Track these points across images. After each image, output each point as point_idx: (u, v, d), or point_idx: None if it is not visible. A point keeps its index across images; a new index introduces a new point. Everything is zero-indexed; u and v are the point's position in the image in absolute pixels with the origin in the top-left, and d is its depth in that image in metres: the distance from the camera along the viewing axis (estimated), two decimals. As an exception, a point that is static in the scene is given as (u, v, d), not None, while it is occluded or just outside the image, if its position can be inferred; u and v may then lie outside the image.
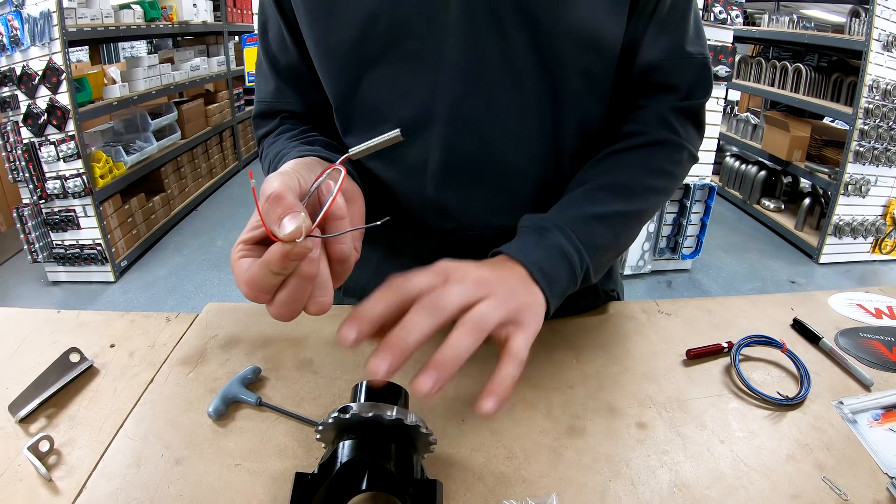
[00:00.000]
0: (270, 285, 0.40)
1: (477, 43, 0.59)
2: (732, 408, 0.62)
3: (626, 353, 0.70)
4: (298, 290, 0.40)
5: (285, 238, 0.36)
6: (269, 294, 0.40)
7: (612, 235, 0.60)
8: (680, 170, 0.68)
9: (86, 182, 2.92)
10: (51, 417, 0.60)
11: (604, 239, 0.59)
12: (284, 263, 0.38)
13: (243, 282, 0.40)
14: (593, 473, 0.53)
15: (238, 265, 0.42)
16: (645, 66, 0.65)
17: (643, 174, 0.64)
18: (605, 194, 0.61)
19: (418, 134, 0.64)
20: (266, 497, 0.51)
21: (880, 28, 3.01)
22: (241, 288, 0.41)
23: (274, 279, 0.39)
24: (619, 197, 0.61)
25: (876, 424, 0.59)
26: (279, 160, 0.61)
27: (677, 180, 0.68)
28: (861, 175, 3.27)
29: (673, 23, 0.64)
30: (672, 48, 0.65)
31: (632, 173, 0.64)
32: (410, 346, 0.42)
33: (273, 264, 0.38)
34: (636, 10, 0.62)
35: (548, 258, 0.53)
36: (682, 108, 0.67)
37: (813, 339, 0.72)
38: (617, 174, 0.63)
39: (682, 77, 0.66)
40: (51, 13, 2.69)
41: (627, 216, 0.62)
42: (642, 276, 3.28)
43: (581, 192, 0.62)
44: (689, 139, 0.68)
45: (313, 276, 0.40)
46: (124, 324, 0.77)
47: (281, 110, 0.74)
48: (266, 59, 0.72)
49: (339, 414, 0.45)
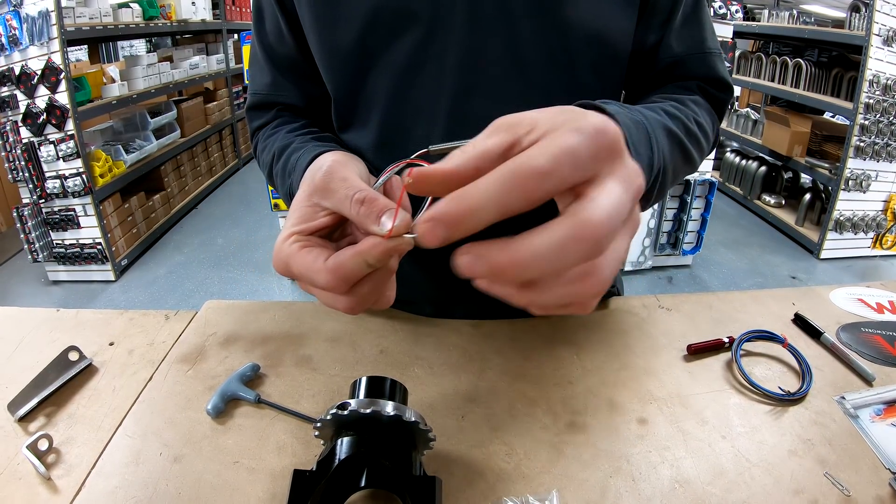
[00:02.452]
0: (356, 277, 0.38)
1: (482, 34, 0.58)
2: (734, 403, 0.61)
3: (627, 348, 0.70)
4: (381, 283, 0.40)
5: (387, 234, 0.36)
6: (350, 285, 0.39)
7: (674, 160, 0.54)
8: (711, 135, 0.65)
9: (85, 181, 2.91)
10: (50, 416, 0.60)
11: (668, 157, 0.52)
12: (386, 258, 0.37)
13: (327, 269, 0.38)
14: (594, 469, 0.53)
15: (302, 255, 0.40)
16: (668, 60, 0.66)
17: (693, 121, 0.60)
18: (671, 120, 0.55)
19: (421, 128, 0.63)
20: (265, 494, 0.50)
21: (880, 23, 3.00)
22: (319, 276, 0.39)
23: (365, 271, 0.38)
24: (683, 132, 0.57)
25: (878, 419, 0.59)
26: (289, 156, 0.60)
27: (709, 146, 0.65)
28: (862, 170, 3.27)
29: (692, 19, 0.65)
30: (694, 43, 0.65)
31: (688, 113, 0.60)
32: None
33: (372, 257, 0.37)
34: (649, 7, 0.62)
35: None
36: (707, 91, 0.67)
37: (814, 334, 0.72)
38: (679, 110, 0.58)
39: (704, 69, 0.67)
40: (49, 12, 2.69)
41: (687, 156, 0.57)
42: (643, 271, 3.27)
43: (644, 107, 0.54)
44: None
45: (395, 270, 0.41)
46: (123, 322, 0.77)
47: (276, 102, 0.72)
48: (262, 50, 0.71)
49: (338, 410, 0.45)
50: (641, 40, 0.64)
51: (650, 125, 0.48)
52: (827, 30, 3.61)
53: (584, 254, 0.30)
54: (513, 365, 0.67)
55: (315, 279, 0.39)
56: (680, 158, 0.56)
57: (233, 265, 3.36)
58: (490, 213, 0.29)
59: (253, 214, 4.12)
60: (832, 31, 3.54)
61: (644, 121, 0.48)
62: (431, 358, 0.68)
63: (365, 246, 0.37)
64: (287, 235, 0.42)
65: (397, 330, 0.74)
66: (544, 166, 0.29)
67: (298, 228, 0.43)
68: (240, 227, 3.93)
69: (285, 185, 0.61)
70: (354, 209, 0.39)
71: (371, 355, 0.69)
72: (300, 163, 0.56)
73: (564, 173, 0.30)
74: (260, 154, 0.70)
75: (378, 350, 0.70)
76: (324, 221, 0.43)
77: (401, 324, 0.75)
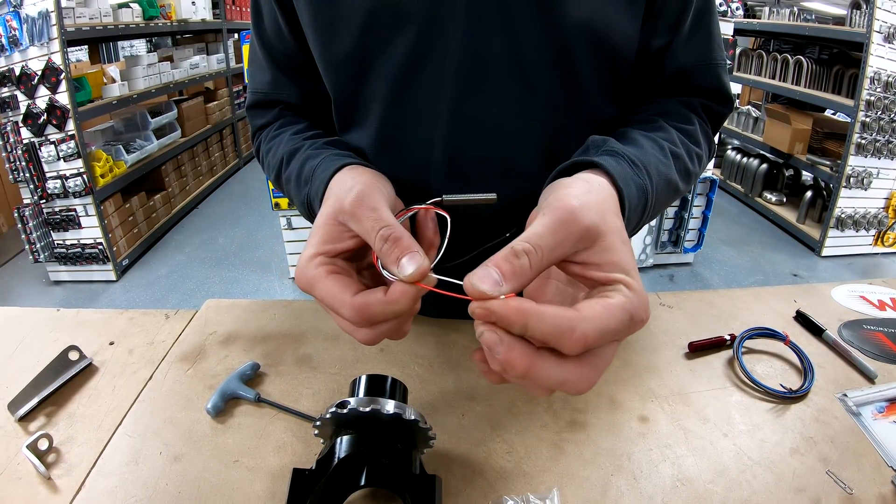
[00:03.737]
0: (381, 319, 0.40)
1: (483, 36, 0.58)
2: (735, 401, 0.61)
3: (628, 345, 0.70)
4: (402, 322, 0.42)
5: (407, 279, 0.38)
6: (372, 324, 0.41)
7: (662, 207, 0.58)
8: (706, 162, 0.67)
9: (86, 181, 2.92)
10: (50, 416, 0.60)
11: (661, 207, 0.56)
12: (414, 304, 0.39)
13: (353, 306, 0.39)
14: (595, 468, 0.53)
15: (329, 283, 0.41)
16: (675, 69, 0.65)
17: (694, 156, 0.62)
18: (674, 162, 0.58)
19: (422, 129, 0.63)
20: (264, 493, 0.50)
21: (881, 20, 2.99)
22: (344, 309, 0.40)
23: (391, 317, 0.40)
24: (681, 174, 0.59)
25: (880, 417, 0.59)
26: (303, 163, 0.59)
27: (701, 169, 0.66)
28: (863, 167, 3.26)
29: (701, 29, 0.65)
30: (702, 54, 0.65)
31: (688, 151, 0.61)
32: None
33: (401, 305, 0.39)
34: (654, 12, 0.62)
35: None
36: (708, 107, 0.67)
37: (816, 332, 0.72)
38: (679, 148, 0.60)
39: (709, 81, 0.66)
40: (49, 13, 2.69)
41: (675, 188, 0.59)
42: (644, 269, 3.27)
43: (656, 147, 0.57)
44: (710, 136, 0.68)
45: (417, 310, 0.41)
46: (123, 321, 0.76)
47: (277, 101, 0.72)
48: (261, 47, 0.70)
49: (337, 409, 0.45)
50: (647, 43, 0.63)
51: (651, 187, 0.51)
52: (828, 27, 3.60)
53: (584, 383, 0.36)
54: (513, 363, 0.67)
55: (340, 311, 0.40)
56: (669, 199, 0.59)
57: (234, 264, 3.36)
58: (532, 340, 0.35)
59: (254, 214, 4.12)
60: (833, 28, 3.53)
61: (648, 188, 0.51)
62: (431, 356, 0.68)
63: (394, 295, 0.39)
64: (313, 255, 0.43)
65: (397, 328, 0.74)
66: (591, 340, 0.34)
67: (324, 249, 0.43)
68: (241, 226, 3.93)
69: (301, 193, 0.60)
70: (379, 244, 0.40)
71: (371, 354, 0.69)
72: (319, 173, 0.55)
73: (599, 344, 0.35)
74: (264, 156, 0.70)
75: (378, 348, 0.70)
76: (350, 245, 0.44)
77: (401, 322, 0.75)
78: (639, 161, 0.51)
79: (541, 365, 0.34)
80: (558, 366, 0.35)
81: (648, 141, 0.57)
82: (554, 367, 0.35)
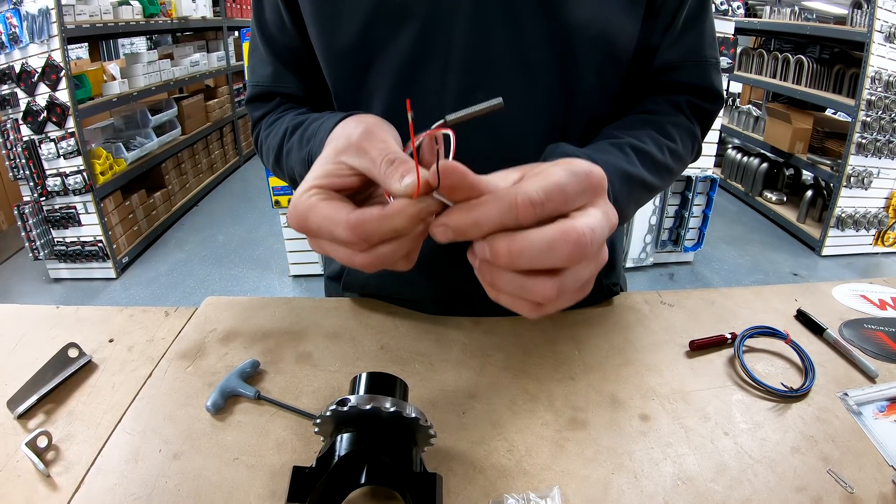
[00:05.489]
0: (379, 239, 0.37)
1: (487, 33, 0.58)
2: (736, 399, 0.61)
3: (629, 344, 0.70)
4: (404, 245, 0.38)
5: (404, 189, 0.36)
6: (370, 245, 0.38)
7: (631, 200, 0.58)
8: (688, 157, 0.68)
9: (86, 179, 2.91)
10: (49, 413, 0.60)
11: (625, 202, 0.56)
12: (413, 225, 0.36)
13: (348, 223, 0.37)
14: (596, 466, 0.53)
15: (322, 206, 0.39)
16: (662, 64, 0.66)
17: (665, 149, 0.63)
18: (636, 156, 0.58)
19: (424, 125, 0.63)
20: (264, 491, 0.50)
21: (882, 19, 2.99)
22: (339, 228, 0.37)
23: (390, 235, 0.37)
24: (648, 166, 0.59)
25: (881, 416, 0.58)
26: (308, 125, 0.58)
27: (684, 166, 0.68)
28: (863, 167, 3.26)
29: (693, 26, 0.65)
30: (690, 50, 0.65)
31: (658, 145, 0.62)
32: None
33: (400, 221, 0.36)
34: (653, 12, 0.62)
35: None
36: (695, 104, 0.68)
37: (817, 331, 0.72)
38: (646, 143, 0.61)
39: (698, 77, 0.67)
40: (49, 10, 2.68)
41: (650, 188, 0.60)
42: (644, 268, 3.27)
43: (611, 145, 0.58)
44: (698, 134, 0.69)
45: (423, 237, 0.39)
46: (123, 319, 0.76)
47: (278, 93, 0.71)
48: (262, 40, 0.70)
49: (338, 406, 0.45)
50: (645, 42, 0.64)
51: (608, 174, 0.50)
52: (829, 26, 3.60)
53: (568, 254, 0.35)
54: (514, 361, 0.67)
55: (334, 232, 0.38)
56: (636, 197, 0.59)
57: (234, 262, 3.36)
58: (489, 229, 0.35)
59: (254, 212, 4.11)
60: (834, 27, 3.53)
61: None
62: (432, 354, 0.68)
63: (393, 209, 0.36)
64: (308, 188, 0.40)
65: (398, 326, 0.74)
66: (537, 197, 0.35)
67: (321, 182, 0.41)
68: (241, 224, 3.93)
69: (302, 152, 0.57)
70: (382, 168, 0.38)
71: (371, 351, 0.69)
72: (324, 126, 0.53)
73: (553, 204, 0.35)
74: (264, 140, 0.69)
75: (378, 346, 0.70)
76: (349, 181, 0.41)
77: (401, 320, 0.75)
78: (590, 157, 0.51)
79: (517, 238, 0.35)
80: (540, 233, 0.35)
81: (605, 140, 0.59)
82: (535, 234, 0.35)
